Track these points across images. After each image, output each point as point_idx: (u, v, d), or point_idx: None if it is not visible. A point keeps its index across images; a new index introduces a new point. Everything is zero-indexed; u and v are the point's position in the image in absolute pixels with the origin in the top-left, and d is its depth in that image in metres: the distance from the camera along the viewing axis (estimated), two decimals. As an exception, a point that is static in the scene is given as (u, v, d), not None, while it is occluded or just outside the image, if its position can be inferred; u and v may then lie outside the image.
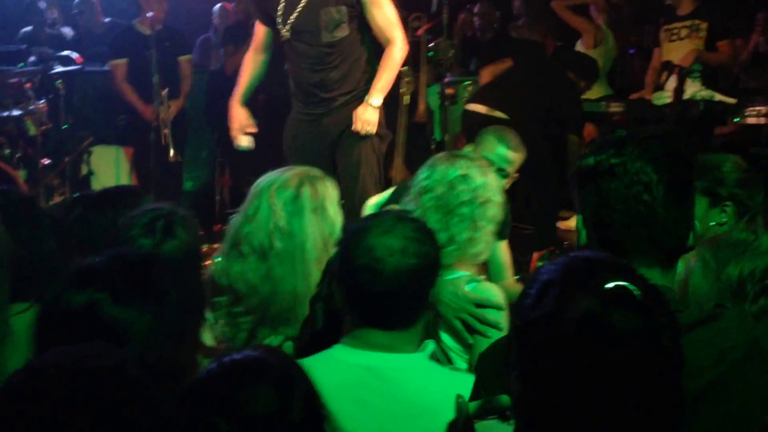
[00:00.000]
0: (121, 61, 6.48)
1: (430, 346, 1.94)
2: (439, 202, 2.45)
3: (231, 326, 2.40)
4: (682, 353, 1.11)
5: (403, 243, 1.81)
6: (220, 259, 2.45)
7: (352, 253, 1.84)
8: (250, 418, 1.28)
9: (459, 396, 1.39)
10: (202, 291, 2.33)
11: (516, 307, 1.18)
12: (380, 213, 1.96)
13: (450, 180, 2.47)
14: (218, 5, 7.56)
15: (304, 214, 2.35)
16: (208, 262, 2.60)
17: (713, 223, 2.45)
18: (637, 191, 1.55)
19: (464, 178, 2.48)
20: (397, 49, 4.03)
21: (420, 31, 6.19)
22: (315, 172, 2.50)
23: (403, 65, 5.33)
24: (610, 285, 1.06)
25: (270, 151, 6.46)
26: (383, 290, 1.80)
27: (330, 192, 2.45)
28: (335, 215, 2.42)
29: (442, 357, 2.36)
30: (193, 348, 1.83)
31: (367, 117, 3.96)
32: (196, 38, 7.50)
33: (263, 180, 2.46)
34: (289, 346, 2.19)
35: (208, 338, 2.28)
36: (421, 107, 6.29)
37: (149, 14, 6.15)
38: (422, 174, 2.55)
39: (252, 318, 2.38)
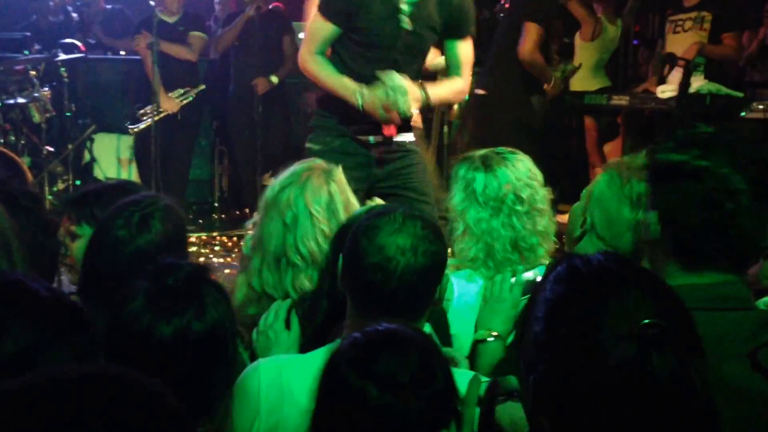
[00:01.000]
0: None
1: (426, 328, 1.93)
2: (526, 206, 2.45)
3: None
4: (710, 387, 1.09)
5: (413, 241, 1.80)
6: (266, 274, 2.34)
7: (363, 251, 1.81)
8: (400, 384, 1.31)
9: (492, 376, 1.41)
10: None
11: (529, 309, 1.17)
12: (387, 210, 1.94)
13: (525, 179, 2.47)
14: (221, -5, 7.56)
15: (340, 214, 2.34)
16: (206, 251, 2.52)
17: None
18: (720, 198, 1.51)
19: (532, 173, 2.49)
20: None
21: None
22: (322, 164, 2.49)
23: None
24: (646, 322, 1.04)
25: (268, 139, 6.49)
26: (393, 288, 1.79)
27: (344, 178, 2.45)
28: (355, 201, 2.44)
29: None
30: None
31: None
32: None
33: (287, 188, 2.37)
34: (294, 318, 2.19)
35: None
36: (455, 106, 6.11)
37: (152, 2, 6.17)
38: (483, 181, 2.48)
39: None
